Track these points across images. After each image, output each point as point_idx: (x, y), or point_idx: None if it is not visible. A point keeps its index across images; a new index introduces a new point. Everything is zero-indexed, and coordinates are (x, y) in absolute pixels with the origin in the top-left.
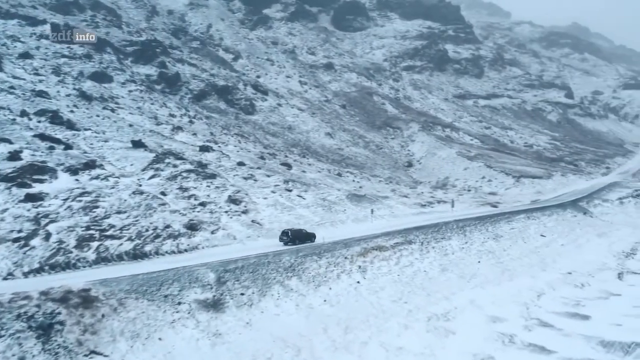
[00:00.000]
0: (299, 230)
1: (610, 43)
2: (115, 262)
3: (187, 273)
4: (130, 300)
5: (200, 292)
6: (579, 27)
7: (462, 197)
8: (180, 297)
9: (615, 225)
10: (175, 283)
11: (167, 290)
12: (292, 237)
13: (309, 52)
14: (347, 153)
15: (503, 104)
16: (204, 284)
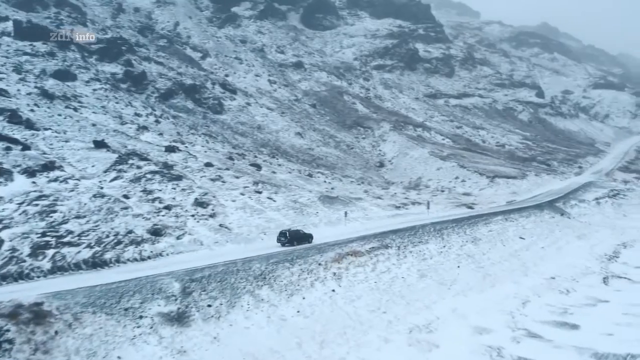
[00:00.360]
0: (297, 231)
1: (578, 43)
2: (73, 272)
3: (149, 283)
4: (87, 315)
5: (164, 304)
6: (548, 27)
7: (437, 198)
8: (142, 310)
9: (594, 226)
10: (137, 294)
11: (128, 303)
12: (291, 238)
13: (278, 50)
14: (317, 153)
15: (474, 104)
16: (168, 295)
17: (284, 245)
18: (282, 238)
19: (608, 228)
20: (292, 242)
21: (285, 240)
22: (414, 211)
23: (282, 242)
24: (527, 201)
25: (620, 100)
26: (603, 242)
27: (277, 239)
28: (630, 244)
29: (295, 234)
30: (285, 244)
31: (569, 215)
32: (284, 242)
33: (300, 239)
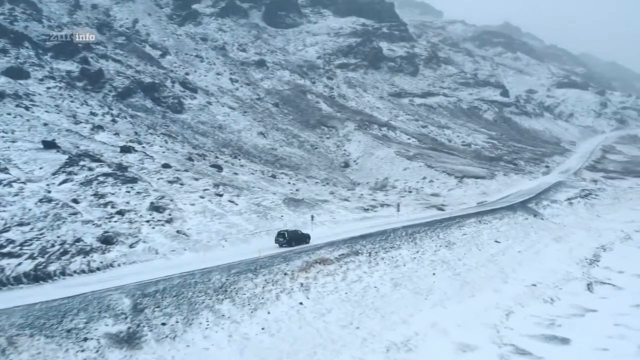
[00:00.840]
0: (294, 232)
1: (541, 43)
2: (12, 287)
3: (96, 299)
4: (24, 338)
5: (112, 323)
6: (510, 27)
7: (405, 199)
8: (87, 331)
9: (569, 228)
10: (82, 313)
11: (71, 323)
12: (289, 238)
13: (240, 48)
14: (281, 153)
15: (439, 103)
16: (117, 312)
17: (282, 245)
18: (280, 238)
19: (583, 229)
20: (290, 242)
21: (284, 240)
22: (383, 214)
23: (281, 242)
24: (499, 202)
25: (585, 99)
26: (582, 245)
27: (275, 239)
28: (609, 247)
29: (294, 235)
30: (284, 244)
31: (542, 216)
32: (282, 242)
33: (298, 239)
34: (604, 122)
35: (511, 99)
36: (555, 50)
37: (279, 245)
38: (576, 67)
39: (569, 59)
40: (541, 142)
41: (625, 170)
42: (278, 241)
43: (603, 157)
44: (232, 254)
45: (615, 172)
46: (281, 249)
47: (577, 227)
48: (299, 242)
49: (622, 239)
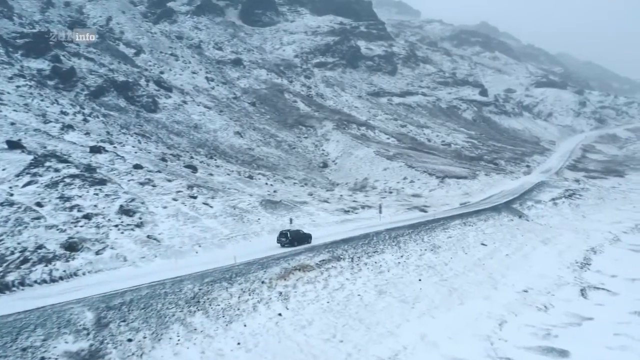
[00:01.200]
0: (297, 231)
1: (518, 42)
2: None
3: (56, 314)
4: None
5: (73, 340)
6: (487, 26)
7: (386, 200)
8: (45, 349)
9: (555, 229)
10: (39, 329)
11: (27, 341)
12: (292, 238)
13: (216, 47)
14: (258, 153)
15: (418, 102)
16: (78, 328)
17: (284, 245)
18: (282, 238)
19: (570, 231)
20: (292, 242)
21: (286, 240)
22: (364, 216)
23: (283, 242)
24: (482, 203)
25: (563, 98)
26: (571, 247)
27: (277, 239)
28: (599, 249)
29: (296, 234)
30: (286, 244)
31: (527, 217)
32: (285, 242)
33: (301, 239)
34: (583, 122)
35: (490, 99)
36: (533, 49)
37: (281, 245)
38: (554, 67)
39: (546, 59)
40: (521, 142)
41: (606, 169)
42: (280, 241)
43: (583, 157)
44: (206, 260)
45: (596, 171)
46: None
47: (563, 228)
48: (301, 242)
49: (611, 240)
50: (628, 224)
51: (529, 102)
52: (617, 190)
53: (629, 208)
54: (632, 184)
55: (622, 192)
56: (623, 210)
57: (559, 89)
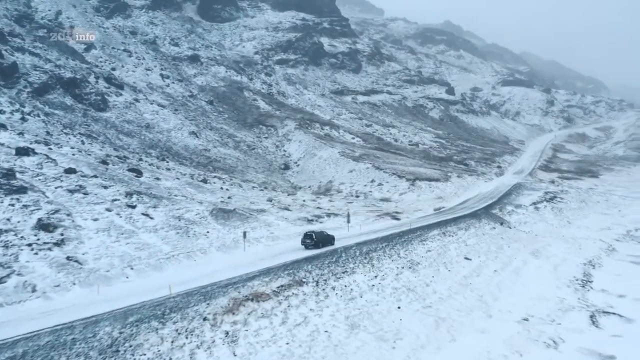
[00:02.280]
0: (321, 233)
1: (482, 41)
2: None
3: None
4: None
5: None
6: (451, 25)
7: (353, 206)
8: None
9: (542, 238)
10: None
11: None
12: (317, 240)
13: (172, 43)
14: (214, 154)
15: (383, 100)
16: None
17: (308, 247)
18: (307, 240)
19: (559, 240)
20: (317, 244)
21: (311, 242)
22: (330, 225)
23: (308, 244)
24: (459, 208)
25: (531, 97)
26: (565, 260)
27: (302, 241)
28: (597, 262)
29: (321, 236)
30: (310, 246)
31: (509, 224)
32: (309, 244)
33: (325, 241)
34: (551, 121)
35: (457, 97)
36: (497, 48)
37: (305, 247)
38: (519, 66)
39: (511, 58)
40: (490, 141)
41: (579, 169)
42: (305, 243)
43: (554, 157)
44: (136, 289)
45: (569, 171)
46: (232, 272)
47: (550, 237)
48: (325, 243)
49: (606, 251)
50: (619, 231)
51: (496, 100)
52: (597, 192)
53: (614, 212)
54: (608, 185)
55: (602, 195)
56: (609, 214)
57: (526, 88)
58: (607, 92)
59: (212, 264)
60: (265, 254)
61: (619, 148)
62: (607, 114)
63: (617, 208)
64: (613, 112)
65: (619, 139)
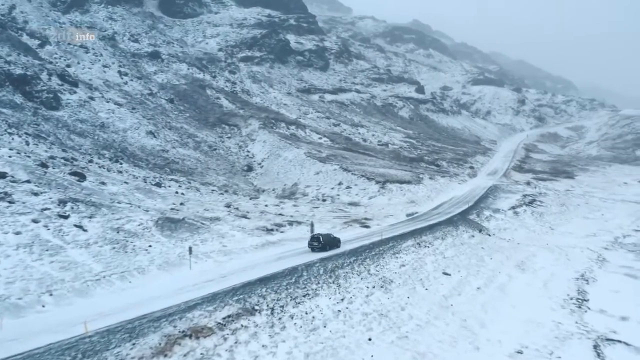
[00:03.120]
0: (328, 235)
1: (451, 40)
2: None
3: None
4: None
5: None
6: (420, 24)
7: (319, 211)
8: None
9: (525, 246)
10: None
11: None
12: (325, 242)
13: (132, 39)
14: (173, 155)
15: (351, 99)
16: None
17: (315, 250)
18: (314, 243)
19: (544, 249)
20: (325, 247)
21: (319, 245)
22: (292, 235)
23: (315, 247)
24: (433, 214)
25: (502, 96)
26: (555, 275)
27: (309, 244)
28: (590, 275)
29: (328, 238)
30: (317, 248)
31: (488, 231)
32: (317, 247)
33: (332, 243)
34: (523, 120)
35: (427, 96)
36: (466, 48)
37: (312, 249)
38: (489, 65)
39: (480, 57)
40: (461, 141)
41: (554, 170)
42: (312, 246)
43: (527, 157)
44: (50, 322)
45: (544, 172)
46: (173, 298)
47: (534, 245)
48: (332, 246)
49: (596, 261)
50: (606, 238)
51: (466, 99)
52: (575, 194)
53: (597, 216)
54: (585, 187)
55: (581, 197)
56: (592, 219)
57: (497, 87)
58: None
59: (149, 286)
60: (215, 273)
61: (592, 148)
62: (579, 114)
63: (599, 211)
64: (584, 112)
65: (591, 139)
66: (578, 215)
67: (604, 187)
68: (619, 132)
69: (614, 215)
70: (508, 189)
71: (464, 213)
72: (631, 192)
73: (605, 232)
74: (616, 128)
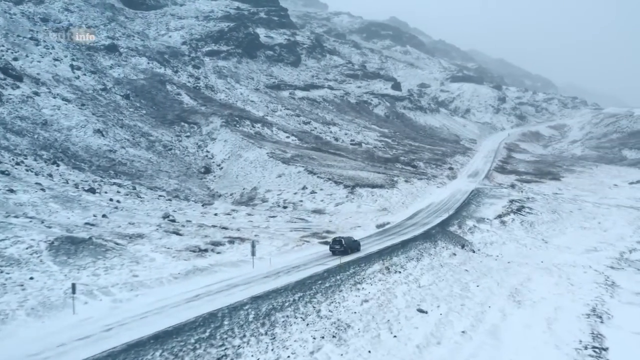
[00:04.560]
0: (349, 238)
1: (429, 38)
2: None
3: None
4: None
5: None
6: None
7: (276, 221)
8: None
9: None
10: None
11: None
12: (347, 246)
13: (88, 31)
14: (121, 156)
15: (324, 96)
16: None
17: (336, 253)
18: (336, 246)
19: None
20: (346, 251)
21: (340, 248)
22: (229, 257)
23: (336, 250)
24: (407, 225)
25: (481, 93)
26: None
27: (330, 247)
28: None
29: (349, 242)
30: (339, 252)
31: (472, 246)
32: (338, 250)
33: (353, 247)
34: (503, 118)
35: (404, 93)
36: (444, 45)
37: (333, 253)
38: (467, 62)
39: (458, 55)
40: (440, 140)
41: (538, 171)
42: (334, 249)
43: (510, 157)
44: None
45: (528, 173)
46: None
47: (527, 265)
48: (353, 250)
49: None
50: (609, 253)
51: (444, 97)
52: (565, 199)
53: (593, 225)
54: (573, 189)
55: (573, 203)
56: (588, 228)
57: (476, 84)
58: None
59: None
60: (100, 324)
61: (576, 147)
62: (560, 112)
63: (595, 219)
64: (566, 110)
65: (575, 138)
66: (573, 224)
67: (593, 189)
68: (604, 130)
69: (612, 223)
70: (492, 194)
71: (443, 224)
72: (624, 196)
73: (607, 246)
74: (600, 127)
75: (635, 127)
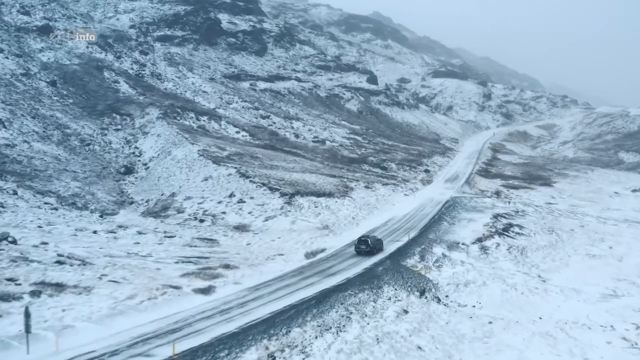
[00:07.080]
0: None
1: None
2: None
3: None
4: None
5: None
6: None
7: (172, 242)
8: None
9: (504, 332)
10: None
11: None
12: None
13: (21, 11)
14: (18, 152)
15: (290, 88)
16: None
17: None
18: (362, 246)
19: (539, 337)
20: (372, 251)
21: (367, 248)
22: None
23: (362, 250)
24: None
25: (466, 90)
26: None
27: (356, 247)
28: None
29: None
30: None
31: (438, 292)
32: (364, 250)
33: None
34: (489, 117)
35: (380, 87)
36: (429, 41)
37: (358, 253)
38: (452, 59)
39: (443, 51)
40: (417, 139)
41: (527, 175)
42: (359, 249)
43: (495, 158)
44: None
45: (515, 177)
46: None
47: (519, 327)
48: (379, 250)
49: None
50: (635, 300)
51: (426, 93)
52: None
53: (604, 251)
54: (569, 197)
55: (572, 216)
56: (598, 257)
57: (460, 80)
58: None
59: None
60: None
61: (567, 149)
62: (549, 111)
63: (604, 241)
64: (555, 109)
65: (565, 139)
66: (577, 249)
67: (591, 198)
68: (597, 131)
69: (627, 248)
70: (472, 205)
71: (398, 254)
72: (629, 207)
73: (629, 286)
74: (593, 127)
75: (632, 128)
